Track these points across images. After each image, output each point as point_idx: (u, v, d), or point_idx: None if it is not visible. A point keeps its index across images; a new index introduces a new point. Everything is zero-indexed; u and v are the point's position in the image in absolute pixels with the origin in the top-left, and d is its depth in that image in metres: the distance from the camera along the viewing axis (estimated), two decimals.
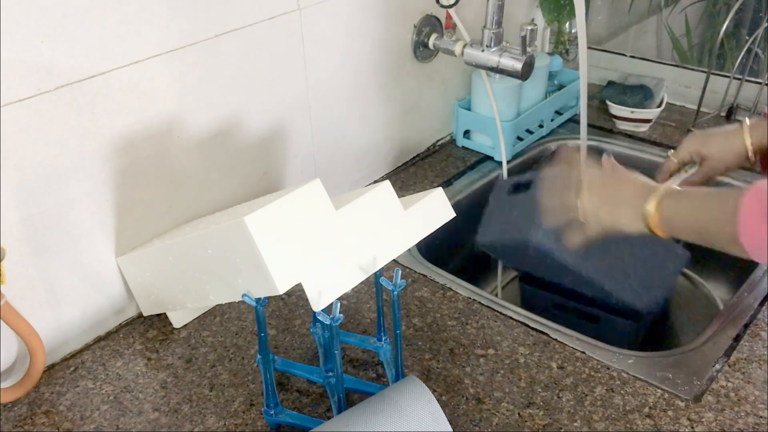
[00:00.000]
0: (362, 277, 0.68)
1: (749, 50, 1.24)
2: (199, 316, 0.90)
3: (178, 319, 0.89)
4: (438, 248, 1.12)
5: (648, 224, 0.72)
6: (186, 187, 0.90)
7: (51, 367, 0.84)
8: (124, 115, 0.79)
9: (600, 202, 0.76)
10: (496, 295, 1.18)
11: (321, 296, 0.65)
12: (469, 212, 1.11)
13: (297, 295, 0.94)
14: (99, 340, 0.88)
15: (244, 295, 0.67)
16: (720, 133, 0.87)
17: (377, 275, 0.74)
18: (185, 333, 0.89)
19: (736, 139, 0.84)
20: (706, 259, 1.24)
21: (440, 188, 0.78)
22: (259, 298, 0.67)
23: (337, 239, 0.66)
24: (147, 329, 0.89)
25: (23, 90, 0.70)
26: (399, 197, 0.73)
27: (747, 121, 0.84)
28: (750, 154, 0.84)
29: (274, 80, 0.95)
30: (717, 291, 1.21)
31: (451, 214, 0.77)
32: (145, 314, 0.90)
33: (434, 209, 0.76)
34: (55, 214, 0.78)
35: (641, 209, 0.72)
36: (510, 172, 1.21)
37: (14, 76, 0.68)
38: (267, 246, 0.62)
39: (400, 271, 0.71)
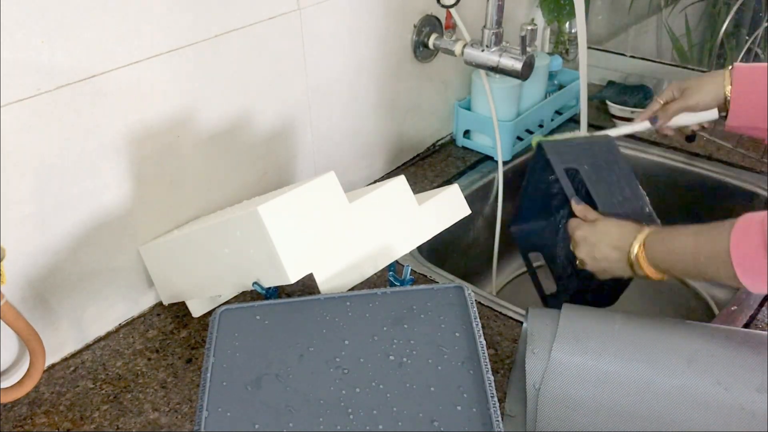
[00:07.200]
0: (373, 270, 0.68)
1: (749, 50, 1.24)
2: (200, 316, 0.90)
3: (196, 309, 0.90)
4: (438, 248, 1.12)
5: (635, 267, 0.74)
6: (187, 188, 0.90)
7: (51, 367, 0.84)
8: (125, 115, 0.79)
9: (591, 256, 0.80)
10: (495, 295, 1.18)
11: (331, 287, 0.65)
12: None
13: (297, 295, 0.94)
14: (99, 340, 0.88)
15: (254, 284, 0.67)
16: (704, 75, 0.92)
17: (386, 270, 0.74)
18: (185, 333, 0.89)
19: (717, 81, 0.90)
20: None
21: (456, 185, 0.77)
22: (269, 288, 0.67)
23: (350, 232, 0.66)
24: (147, 329, 0.90)
25: (23, 90, 0.70)
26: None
27: (732, 65, 0.89)
28: (728, 97, 0.88)
29: (274, 80, 0.95)
30: (713, 292, 1.21)
31: (467, 211, 0.77)
32: (165, 303, 0.91)
33: (449, 206, 0.76)
34: (55, 215, 0.78)
35: (626, 254, 0.74)
36: (508, 173, 1.21)
37: (14, 76, 0.68)
38: (279, 235, 0.62)
39: (410, 267, 0.70)
